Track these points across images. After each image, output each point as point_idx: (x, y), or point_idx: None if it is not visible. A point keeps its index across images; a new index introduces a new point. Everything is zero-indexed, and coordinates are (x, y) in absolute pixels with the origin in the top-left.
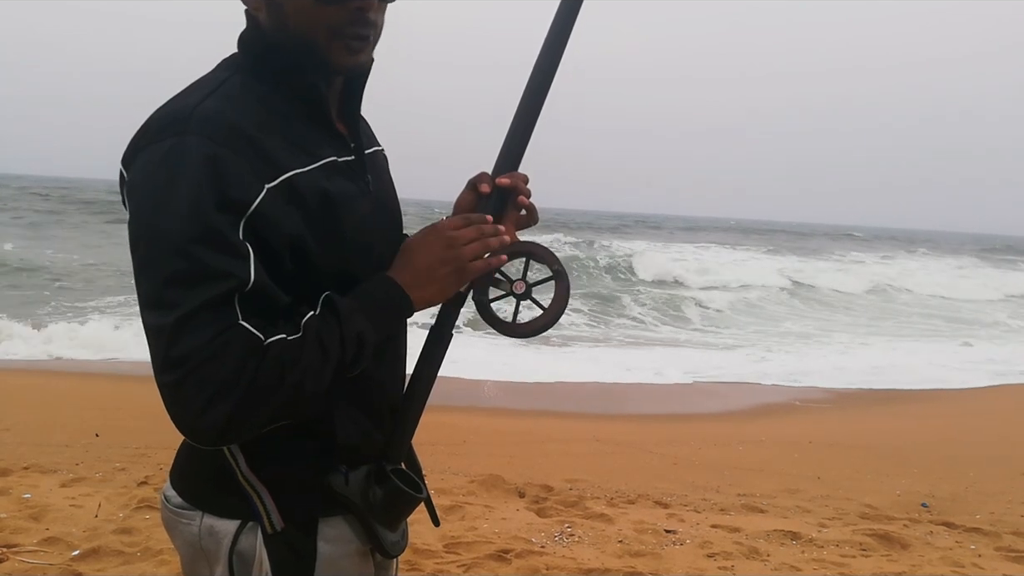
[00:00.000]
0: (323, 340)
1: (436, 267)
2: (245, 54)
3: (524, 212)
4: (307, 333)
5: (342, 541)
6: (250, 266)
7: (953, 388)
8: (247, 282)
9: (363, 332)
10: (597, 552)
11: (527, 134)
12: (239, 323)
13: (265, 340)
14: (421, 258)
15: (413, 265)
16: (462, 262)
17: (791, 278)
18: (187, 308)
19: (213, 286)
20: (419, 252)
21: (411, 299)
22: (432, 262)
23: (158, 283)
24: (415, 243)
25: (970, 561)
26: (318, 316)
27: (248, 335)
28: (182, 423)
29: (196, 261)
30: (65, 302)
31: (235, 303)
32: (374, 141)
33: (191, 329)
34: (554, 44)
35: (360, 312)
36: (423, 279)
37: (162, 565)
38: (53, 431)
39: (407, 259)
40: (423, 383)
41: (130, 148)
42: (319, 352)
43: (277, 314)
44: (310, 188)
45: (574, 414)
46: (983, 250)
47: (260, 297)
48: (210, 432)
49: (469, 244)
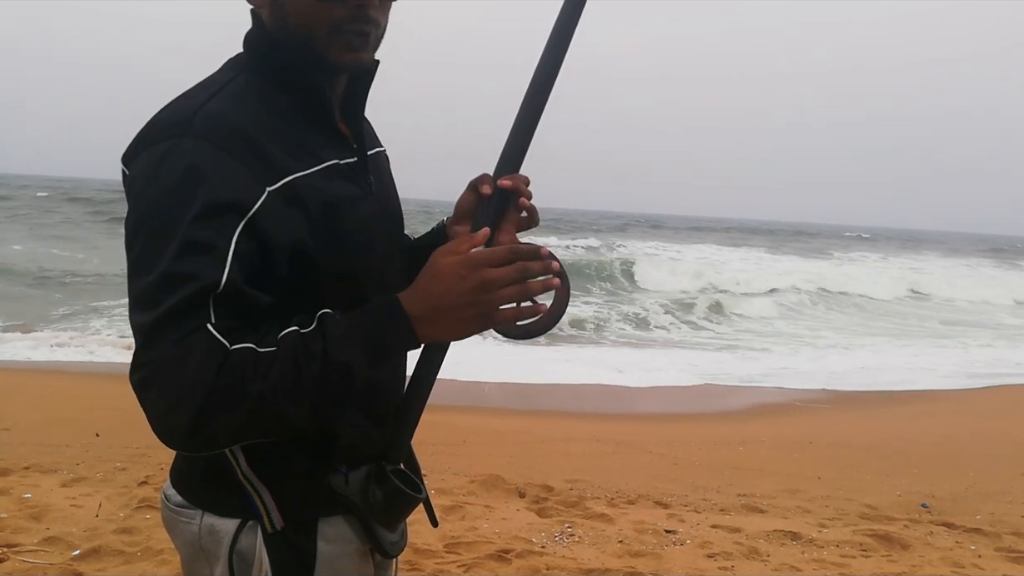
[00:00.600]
0: (299, 360)
1: (459, 309)
2: (250, 54)
3: (525, 214)
4: (281, 348)
5: (342, 541)
6: (224, 268)
7: (953, 388)
8: (218, 284)
9: (351, 363)
10: (597, 552)
11: (529, 135)
12: (204, 327)
13: (230, 346)
14: (444, 292)
15: (432, 297)
16: (491, 308)
17: (818, 284)
18: (161, 309)
19: (184, 288)
20: (443, 283)
21: (417, 335)
22: (456, 302)
23: (143, 282)
24: (441, 270)
25: (970, 562)
26: (306, 334)
27: (210, 340)
28: (151, 424)
29: (176, 263)
30: (90, 302)
31: (208, 305)
32: (376, 142)
33: (162, 330)
34: (557, 45)
35: (353, 341)
36: (438, 314)
37: (163, 565)
38: (53, 431)
39: (427, 287)
40: (423, 384)
41: (132, 146)
42: (291, 370)
43: (258, 318)
44: (311, 191)
45: (574, 414)
46: (991, 250)
47: (236, 300)
48: (175, 436)
49: (507, 288)
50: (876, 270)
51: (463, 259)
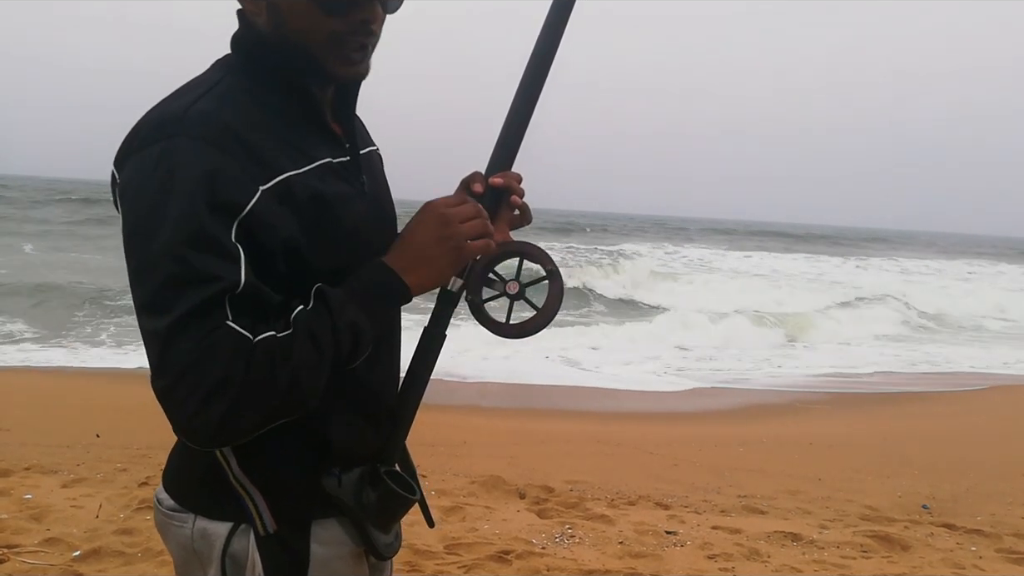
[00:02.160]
0: (314, 333)
1: (432, 246)
2: (238, 54)
3: (517, 212)
4: (297, 327)
5: (335, 543)
6: (240, 268)
7: (954, 389)
8: (237, 284)
9: (357, 322)
10: (598, 553)
11: (520, 133)
12: (226, 323)
13: (254, 339)
14: (416, 238)
15: (408, 246)
16: (460, 240)
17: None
18: (179, 312)
19: (203, 289)
20: (414, 232)
21: (406, 284)
22: (428, 241)
23: (152, 287)
24: (410, 224)
25: (971, 563)
26: (309, 310)
27: (235, 335)
28: (178, 426)
29: (187, 264)
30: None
31: (225, 305)
32: (369, 141)
33: (182, 333)
34: (547, 43)
35: (352, 302)
36: (419, 260)
37: (163, 566)
38: (54, 432)
39: (402, 241)
40: (417, 384)
41: (122, 150)
42: (311, 345)
43: (269, 315)
44: (304, 190)
45: (575, 414)
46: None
47: (251, 299)
48: (205, 433)
49: (468, 222)
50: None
51: (424, 207)
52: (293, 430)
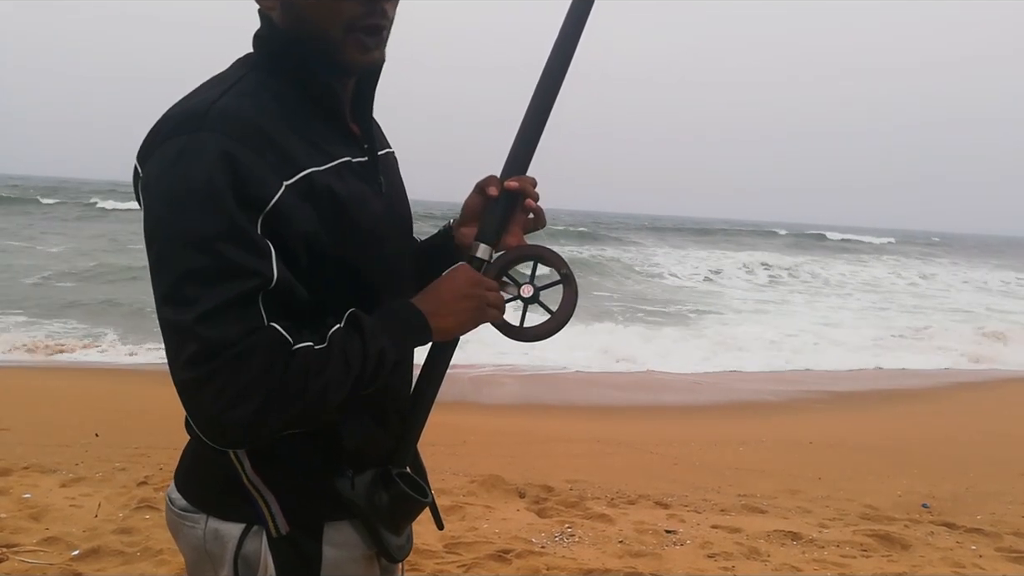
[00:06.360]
0: (347, 353)
1: (458, 301)
2: (260, 52)
3: (532, 216)
4: (333, 345)
5: (347, 545)
6: (272, 264)
7: (953, 389)
8: (271, 280)
9: (385, 350)
10: (597, 552)
11: (536, 137)
12: (270, 324)
13: (293, 345)
14: (446, 290)
15: (437, 295)
16: (483, 302)
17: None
18: (209, 304)
19: (239, 283)
20: (445, 284)
21: (431, 327)
22: (456, 296)
23: (177, 279)
24: (443, 277)
25: (971, 562)
26: (343, 330)
27: (278, 338)
28: (200, 422)
29: (221, 258)
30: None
31: (259, 302)
32: (385, 143)
33: (215, 326)
34: (564, 47)
35: (384, 332)
36: (445, 309)
37: (162, 565)
38: (53, 431)
39: (432, 289)
40: (430, 387)
41: (145, 144)
42: (343, 364)
43: (296, 314)
44: (325, 187)
45: (575, 414)
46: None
47: (282, 296)
48: (229, 433)
49: (492, 292)
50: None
51: (459, 265)
52: (306, 432)
